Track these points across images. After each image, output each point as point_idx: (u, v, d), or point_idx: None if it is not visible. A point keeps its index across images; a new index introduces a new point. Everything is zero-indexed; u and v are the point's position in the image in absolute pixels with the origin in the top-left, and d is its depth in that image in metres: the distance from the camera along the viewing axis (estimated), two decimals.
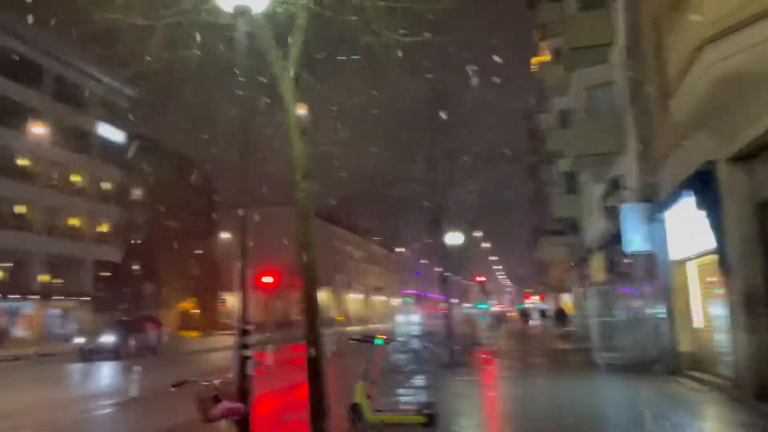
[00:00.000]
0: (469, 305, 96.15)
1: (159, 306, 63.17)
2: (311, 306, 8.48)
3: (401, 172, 20.94)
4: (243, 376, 6.75)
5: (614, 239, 18.80)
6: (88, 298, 44.91)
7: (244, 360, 6.79)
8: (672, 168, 13.20)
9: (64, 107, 43.00)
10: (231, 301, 74.09)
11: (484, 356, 21.30)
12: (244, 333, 6.87)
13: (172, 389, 6.10)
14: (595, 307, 18.68)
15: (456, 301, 35.47)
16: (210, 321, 70.67)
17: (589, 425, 8.93)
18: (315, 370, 8.22)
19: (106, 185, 49.98)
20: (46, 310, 42.08)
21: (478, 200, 28.70)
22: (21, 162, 41.09)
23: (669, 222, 13.80)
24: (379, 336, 9.39)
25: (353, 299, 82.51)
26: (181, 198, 66.09)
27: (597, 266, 24.26)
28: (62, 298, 43.45)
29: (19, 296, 39.59)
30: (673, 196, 12.94)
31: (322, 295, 71.49)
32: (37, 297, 40.72)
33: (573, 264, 33.33)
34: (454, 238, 23.63)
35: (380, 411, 9.17)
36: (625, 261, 18.34)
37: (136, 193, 65.78)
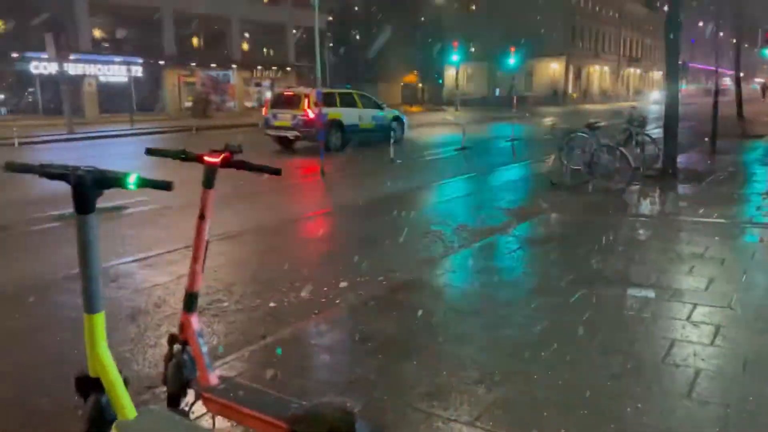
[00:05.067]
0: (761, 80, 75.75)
1: (378, 79, 60.26)
2: None
3: None
4: None
5: None
6: (289, 69, 42.77)
7: None
8: None
9: None
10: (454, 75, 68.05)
11: (749, 161, 12.55)
12: None
13: None
14: None
15: (741, 75, 24.20)
16: (433, 96, 66.39)
17: None
18: None
19: None
20: (248, 80, 41.14)
21: None
22: None
23: None
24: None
25: (599, 72, 69.70)
26: None
27: None
28: (262, 68, 41.88)
29: (217, 65, 38.70)
30: None
31: (556, 67, 61.19)
32: (237, 67, 39.51)
33: None
34: None
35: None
36: None
37: None
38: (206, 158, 2.63)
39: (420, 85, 67.42)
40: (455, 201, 9.28)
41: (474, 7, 62.09)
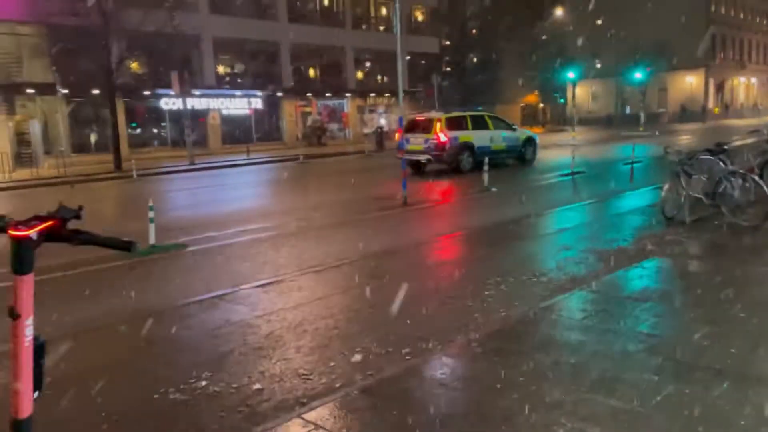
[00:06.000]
0: None
1: (496, 100, 58.68)
2: None
3: None
4: None
5: None
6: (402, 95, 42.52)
7: None
8: None
9: None
10: (578, 93, 64.53)
11: None
12: None
13: None
14: None
15: None
16: (555, 116, 63.47)
17: None
18: None
19: None
20: (362, 107, 41.48)
21: None
22: None
23: None
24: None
25: (745, 84, 62.84)
26: None
27: None
28: (375, 95, 42.11)
29: (332, 94, 39.38)
30: None
31: (694, 81, 55.89)
32: (351, 95, 40.00)
33: None
34: None
35: None
36: None
37: None
38: (13, 231, 1.81)
39: (541, 105, 64.85)
40: (541, 240, 7.94)
41: (599, 21, 58.67)
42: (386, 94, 42.49)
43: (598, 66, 58.33)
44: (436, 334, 4.42)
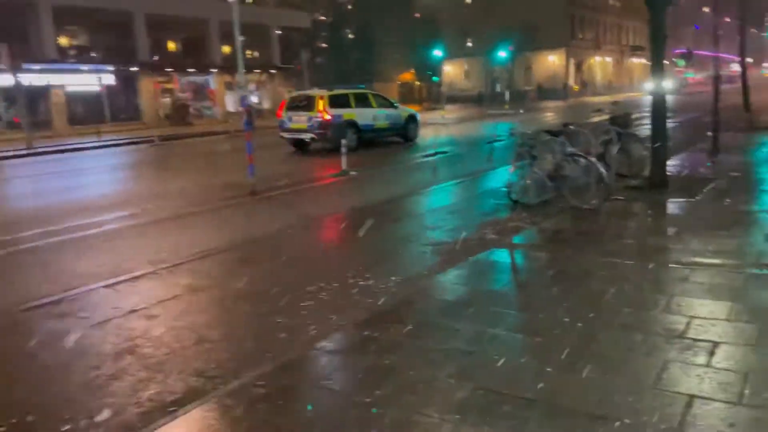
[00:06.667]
0: None
1: (373, 78, 58.32)
2: None
3: None
4: None
5: None
6: (273, 71, 40.92)
7: None
8: None
9: None
10: (451, 71, 65.91)
11: (756, 161, 10.61)
12: None
13: None
14: None
15: (747, 60, 21.64)
16: (431, 94, 64.36)
17: None
18: None
19: None
20: (230, 84, 39.33)
21: None
22: None
23: None
24: None
25: (601, 63, 67.23)
26: None
27: None
28: (245, 71, 40.08)
29: (197, 70, 36.93)
30: None
31: (556, 60, 58.89)
32: (218, 71, 37.71)
33: None
34: None
35: None
36: None
37: None
38: None
39: (417, 83, 65.42)
40: (382, 232, 7.31)
41: (470, 0, 59.96)
42: (257, 71, 40.54)
43: (470, 45, 59.74)
44: (222, 367, 3.64)
